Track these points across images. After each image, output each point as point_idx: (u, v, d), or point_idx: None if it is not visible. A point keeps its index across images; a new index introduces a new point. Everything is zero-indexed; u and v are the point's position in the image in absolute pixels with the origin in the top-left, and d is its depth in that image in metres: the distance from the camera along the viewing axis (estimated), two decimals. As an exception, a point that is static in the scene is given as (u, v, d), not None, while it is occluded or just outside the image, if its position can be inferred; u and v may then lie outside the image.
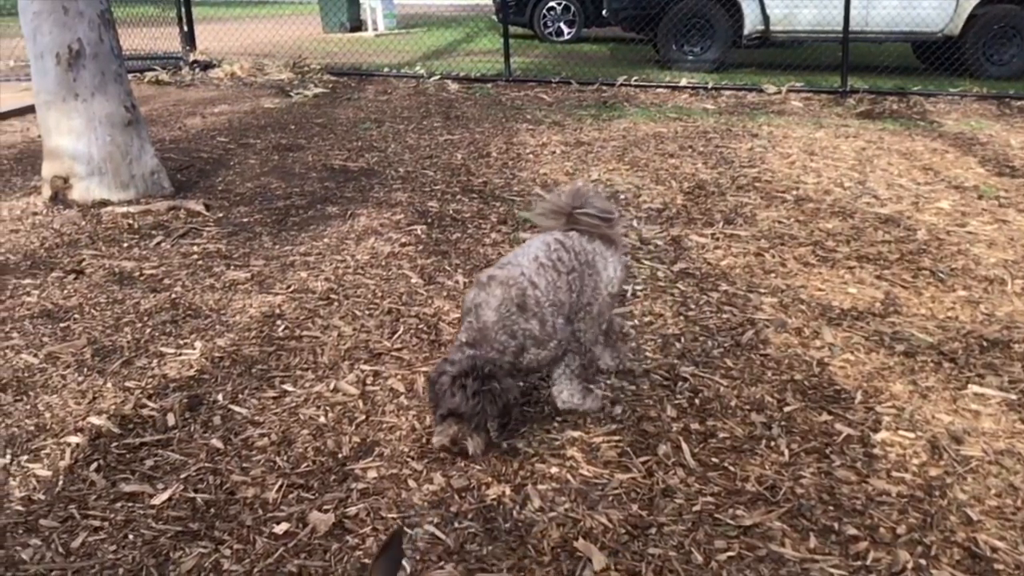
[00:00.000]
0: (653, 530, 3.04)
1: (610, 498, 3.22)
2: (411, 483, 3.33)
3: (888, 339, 4.27)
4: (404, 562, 1.95)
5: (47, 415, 3.77)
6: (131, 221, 6.09)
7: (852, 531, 3.02)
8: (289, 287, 5.00)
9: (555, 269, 3.49)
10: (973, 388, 3.85)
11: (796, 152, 7.54)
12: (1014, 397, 3.78)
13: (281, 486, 3.30)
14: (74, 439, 3.59)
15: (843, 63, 10.47)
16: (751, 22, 11.92)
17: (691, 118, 9.02)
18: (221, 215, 6.26)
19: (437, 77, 11.58)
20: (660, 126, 8.68)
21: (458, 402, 3.19)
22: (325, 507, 3.19)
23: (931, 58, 11.27)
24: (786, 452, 3.42)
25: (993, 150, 7.64)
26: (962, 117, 9.16)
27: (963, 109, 9.63)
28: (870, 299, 4.70)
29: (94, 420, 3.70)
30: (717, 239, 5.60)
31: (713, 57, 12.18)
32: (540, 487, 3.26)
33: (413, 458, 3.47)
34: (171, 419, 3.72)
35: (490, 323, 3.30)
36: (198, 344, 4.35)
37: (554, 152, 7.80)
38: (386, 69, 12.25)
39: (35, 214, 6.27)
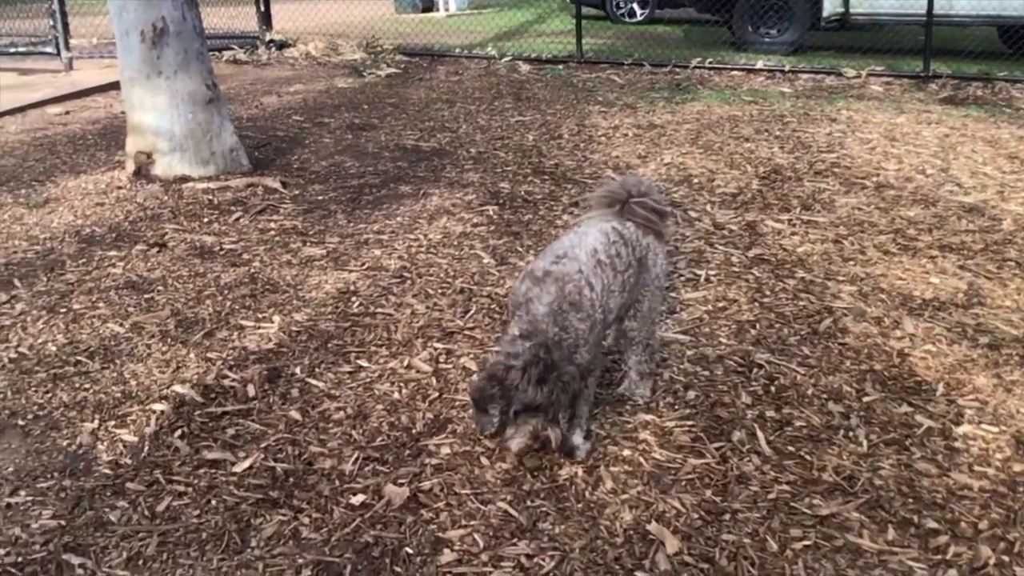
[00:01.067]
0: (727, 516, 3.03)
1: (683, 483, 3.21)
2: (484, 460, 3.36)
3: (971, 331, 4.16)
4: None
5: (133, 383, 3.90)
6: (211, 197, 6.23)
7: (932, 524, 2.96)
8: (363, 264, 5.07)
9: (612, 267, 3.32)
10: (1061, 383, 3.73)
11: (876, 137, 7.36)
12: (1105, 394, 3.66)
13: (357, 459, 3.37)
14: (159, 406, 3.70)
15: (926, 47, 10.16)
16: (831, 4, 11.64)
17: (767, 101, 8.86)
18: (297, 192, 6.37)
19: (508, 58, 11.56)
20: (735, 109, 8.55)
21: (533, 394, 2.96)
22: (400, 481, 3.24)
23: (1017, 43, 10.87)
24: (864, 443, 3.36)
25: (1085, 138, 7.35)
26: (1052, 104, 8.83)
27: (1053, 95, 9.28)
28: (953, 290, 4.58)
29: (178, 389, 3.82)
30: (794, 225, 5.51)
31: (791, 39, 11.93)
32: (612, 469, 3.27)
33: (486, 436, 3.49)
34: (251, 390, 3.82)
35: (542, 316, 3.09)
36: (276, 318, 4.44)
37: (626, 135, 7.74)
38: (457, 50, 12.28)
39: (119, 188, 6.45)
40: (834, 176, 6.38)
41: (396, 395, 3.79)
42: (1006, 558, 2.82)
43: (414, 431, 3.55)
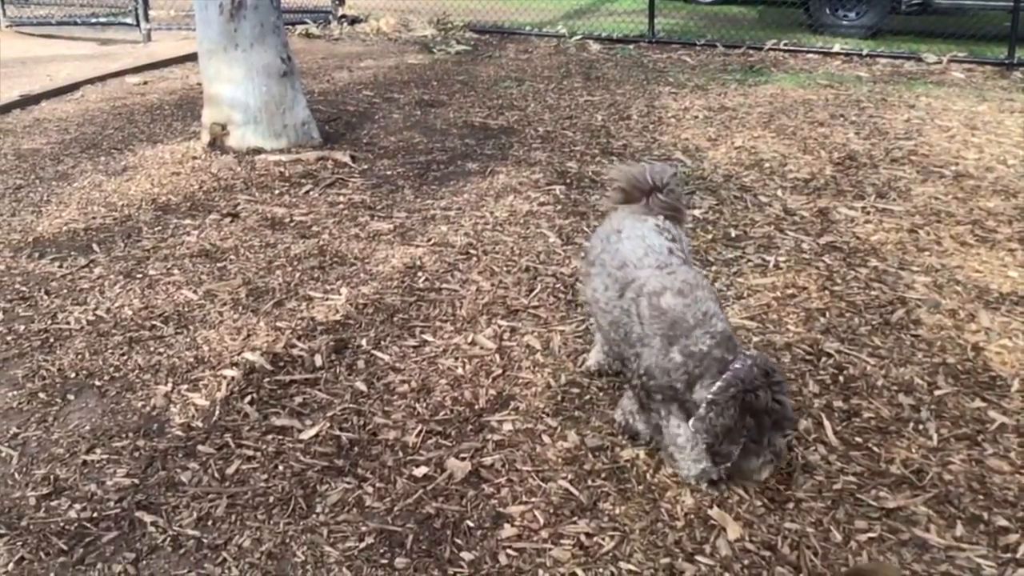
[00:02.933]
0: (791, 505, 3.00)
1: (746, 469, 3.18)
2: (545, 439, 3.38)
3: (1051, 327, 4.04)
4: None
5: (205, 348, 4.00)
6: (282, 169, 6.33)
7: (1002, 522, 2.89)
8: (430, 240, 5.11)
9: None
10: None
11: (956, 125, 7.14)
12: None
13: (420, 431, 3.41)
14: (230, 372, 3.79)
15: (1012, 33, 9.79)
16: (912, -14, 11.28)
17: (843, 86, 8.65)
18: (366, 167, 6.43)
19: (578, 37, 11.47)
20: (809, 93, 8.36)
21: (782, 411, 2.82)
22: (462, 455, 3.28)
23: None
24: (935, 436, 3.29)
25: None
26: None
27: None
28: (1033, 284, 4.44)
29: (248, 356, 3.90)
30: (868, 213, 5.39)
31: (869, 23, 11.60)
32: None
33: (548, 414, 3.51)
34: (318, 360, 3.88)
35: (728, 332, 2.93)
36: (344, 290, 4.50)
37: (696, 117, 7.64)
38: (527, 28, 12.22)
39: (194, 158, 6.59)
40: (911, 164, 6.22)
41: (460, 370, 3.82)
42: (1080, 561, 2.74)
43: (477, 407, 3.58)
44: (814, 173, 6.10)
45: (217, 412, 3.55)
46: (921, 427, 3.35)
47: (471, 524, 2.94)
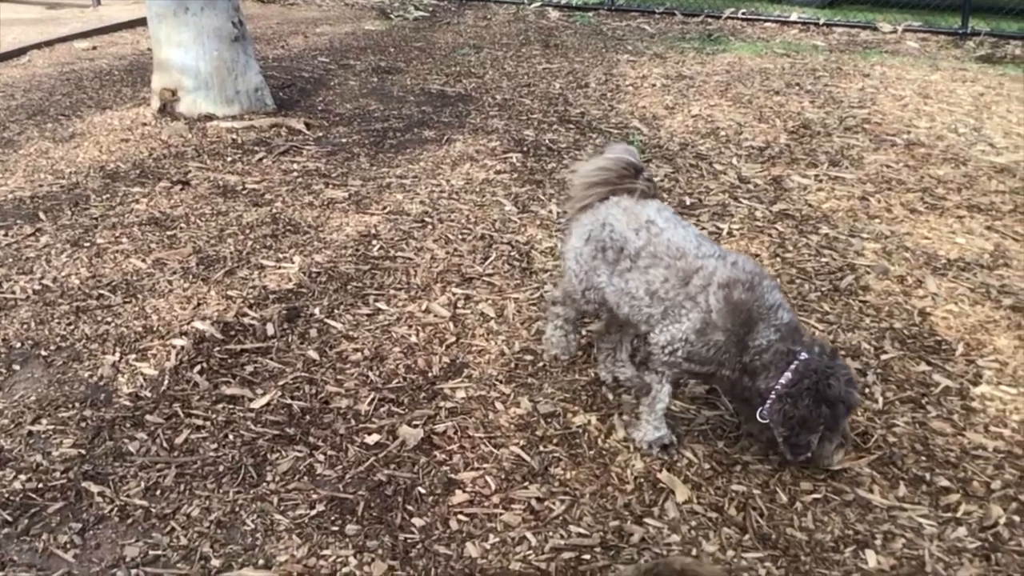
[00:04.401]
0: (738, 468, 3.04)
1: (696, 433, 3.22)
2: (498, 405, 3.39)
3: (995, 292, 4.11)
4: None
5: (154, 318, 3.94)
6: (235, 136, 6.23)
7: (944, 483, 2.96)
8: (385, 208, 5.07)
9: None
10: (1084, 348, 3.69)
11: (909, 94, 7.20)
12: None
13: (373, 399, 3.40)
14: (179, 342, 3.75)
15: (965, 3, 9.89)
16: (869, -44, 11.31)
17: (799, 54, 8.68)
18: (321, 134, 6.35)
19: (537, 4, 11.38)
20: (766, 62, 8.38)
21: (856, 393, 2.92)
22: (415, 422, 3.28)
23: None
24: (880, 400, 3.35)
25: (1125, 101, 7.16)
26: (1093, 64, 8.59)
27: (1095, 56, 9.03)
28: (979, 250, 4.52)
29: (198, 325, 3.86)
30: (820, 181, 5.44)
31: (826, -8, 11.63)
32: (626, 418, 3.28)
33: (501, 381, 3.52)
34: (270, 329, 3.85)
35: (794, 322, 2.93)
36: (297, 259, 4.46)
37: (654, 85, 7.63)
38: (486, -6, 12.08)
39: (144, 125, 6.45)
40: (864, 132, 6.28)
41: (413, 338, 3.81)
42: (1017, 518, 2.82)
43: (430, 374, 3.57)
44: (769, 141, 6.13)
45: (166, 382, 3.50)
46: (868, 391, 3.40)
47: (423, 490, 2.95)
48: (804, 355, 2.83)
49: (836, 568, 2.63)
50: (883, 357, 3.62)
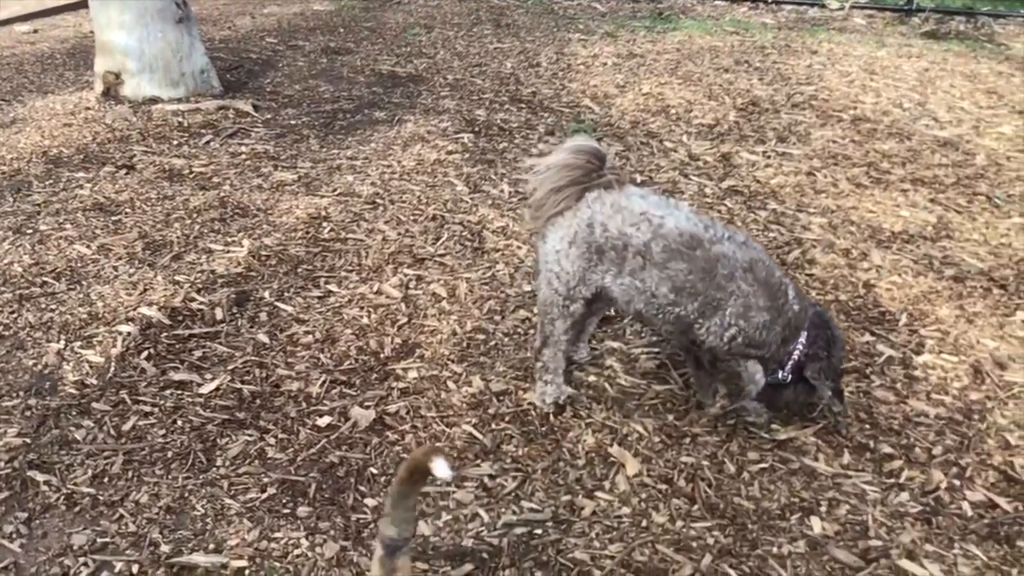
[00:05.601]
0: (687, 440, 3.08)
1: (646, 407, 3.25)
2: (450, 385, 3.39)
3: (938, 263, 4.20)
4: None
5: (99, 304, 3.88)
6: (181, 119, 6.13)
7: (887, 449, 3.02)
8: (335, 190, 5.03)
9: None
10: (1021, 315, 3.79)
11: (856, 71, 7.30)
12: (1064, 326, 3.72)
13: (324, 382, 3.39)
14: (125, 328, 3.69)
15: (911, -21, 10.03)
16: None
17: (749, 32, 8.75)
18: (269, 116, 6.27)
19: (489, -17, 11.31)
20: (716, 40, 8.43)
21: None
22: (366, 403, 3.27)
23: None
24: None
25: (1063, 75, 7.33)
26: (1033, 40, 8.77)
27: (1035, 31, 9.22)
28: (922, 222, 4.61)
29: (145, 311, 3.80)
30: (768, 157, 5.49)
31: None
32: (578, 394, 3.30)
33: (453, 361, 3.52)
34: (219, 313, 3.81)
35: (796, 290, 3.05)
36: (245, 242, 4.41)
37: (605, 64, 7.64)
38: (437, -26, 11.99)
39: (87, 109, 6.32)
40: (811, 109, 6.35)
41: (365, 320, 3.79)
42: (957, 482, 2.89)
43: (382, 355, 3.57)
44: (718, 119, 6.18)
45: (112, 368, 3.45)
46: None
47: (375, 471, 2.95)
48: (818, 310, 3.00)
49: (782, 535, 2.68)
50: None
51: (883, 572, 2.55)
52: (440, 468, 1.86)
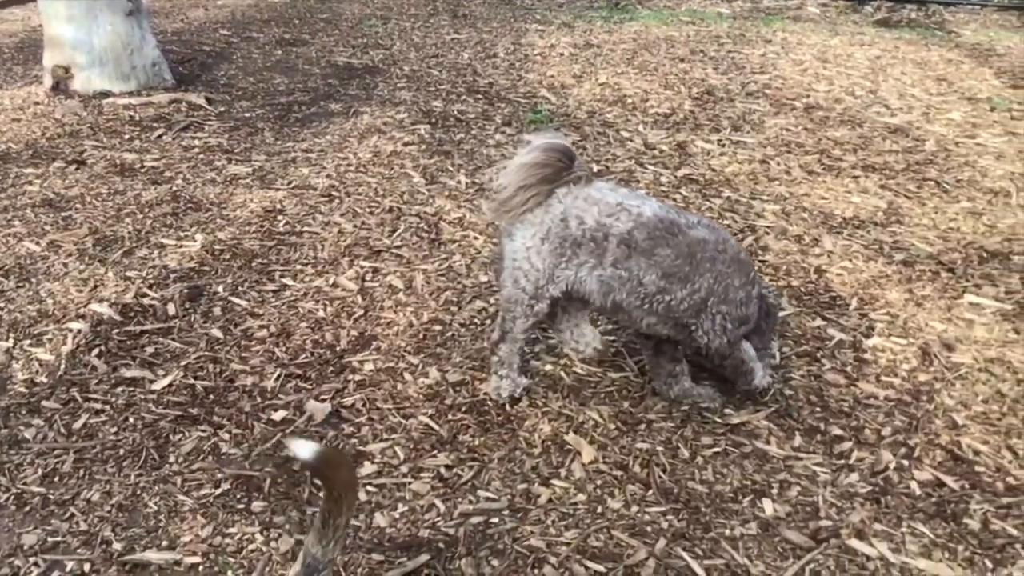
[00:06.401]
0: (642, 426, 3.10)
1: (602, 395, 3.27)
2: (407, 376, 3.38)
3: (888, 248, 4.27)
4: None
5: (49, 301, 3.82)
6: (132, 113, 6.04)
7: (837, 431, 3.07)
8: (290, 183, 4.99)
9: None
10: (969, 298, 3.86)
11: (809, 59, 7.39)
12: (1009, 307, 3.80)
13: (279, 376, 3.36)
14: (76, 325, 3.64)
15: (864, -32, 10.15)
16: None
17: (704, 22, 8.81)
18: (223, 109, 6.20)
19: (446, -26, 11.27)
20: (672, 29, 8.49)
21: None
22: (322, 397, 3.25)
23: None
24: (777, 355, 3.45)
25: (1010, 62, 7.47)
26: (981, 27, 8.93)
27: (983, 19, 9.38)
28: (873, 208, 4.68)
29: (95, 307, 3.75)
30: (723, 145, 5.54)
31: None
32: (534, 383, 3.31)
33: (410, 352, 3.52)
34: (171, 308, 3.77)
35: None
36: (199, 236, 4.36)
37: (562, 54, 7.65)
38: (394, -35, 11.91)
39: (36, 104, 6.21)
40: (765, 97, 6.41)
41: (321, 313, 3.77)
42: (906, 462, 2.95)
43: (338, 348, 3.55)
44: (674, 108, 6.22)
45: (63, 366, 3.40)
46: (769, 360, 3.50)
47: (330, 464, 2.93)
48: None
49: (735, 517, 2.71)
50: (781, 314, 3.73)
51: (833, 552, 2.59)
52: (300, 448, 1.79)
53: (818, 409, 3.18)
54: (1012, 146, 5.56)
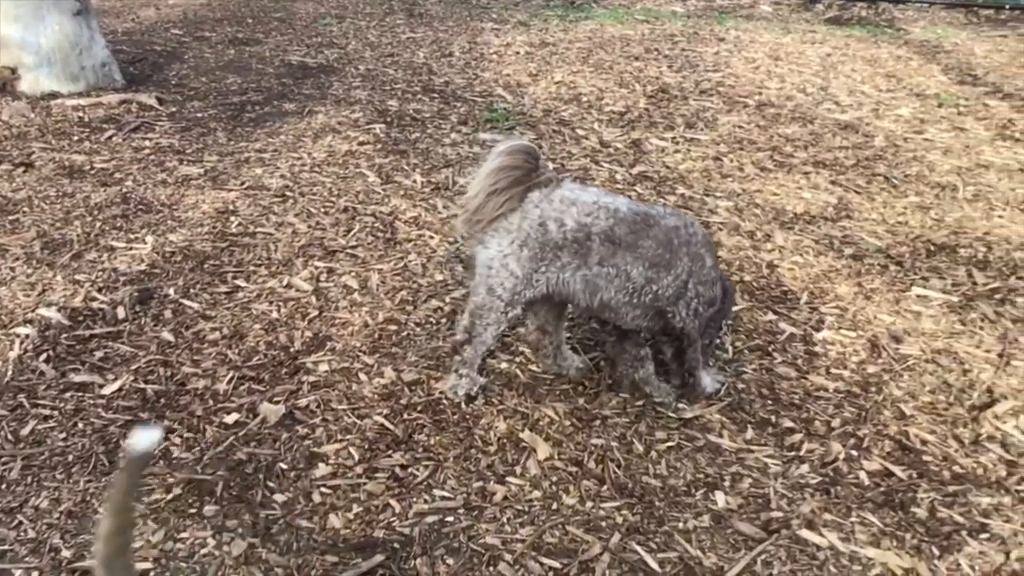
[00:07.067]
0: (597, 422, 3.12)
1: (557, 392, 3.29)
2: (362, 376, 3.37)
3: (838, 242, 4.33)
4: None
5: (-5, 307, 3.75)
6: (81, 114, 5.94)
7: (788, 424, 3.12)
8: (243, 183, 4.94)
9: None
10: (916, 290, 3.94)
11: (761, 57, 7.47)
12: (955, 299, 3.88)
13: (232, 378, 3.33)
14: (23, 330, 3.57)
15: (815, -33, 10.28)
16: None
17: (659, 21, 8.88)
18: (174, 109, 6.12)
19: (402, -27, 11.23)
20: (627, 28, 8.54)
21: None
22: (276, 399, 3.23)
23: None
24: (730, 349, 3.49)
25: (957, 58, 7.62)
26: (929, 25, 9.10)
27: (931, 17, 9.56)
28: (823, 204, 4.75)
29: (43, 312, 3.68)
30: (677, 143, 5.59)
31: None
32: (490, 381, 3.32)
33: (365, 352, 3.50)
34: (121, 312, 3.71)
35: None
36: (149, 239, 4.30)
37: (518, 53, 7.66)
38: (349, -37, 11.84)
39: (-19, 106, 6.08)
40: (718, 95, 6.48)
41: (274, 314, 3.74)
42: (855, 452, 3.00)
43: (292, 349, 3.52)
44: (629, 106, 6.25)
45: (10, 372, 3.34)
46: (718, 341, 3.54)
47: (284, 466, 2.92)
48: None
49: (688, 511, 2.74)
50: (734, 309, 3.77)
51: (784, 542, 2.63)
52: (141, 438, 1.65)
53: (770, 402, 3.23)
54: (959, 141, 5.68)
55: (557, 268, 2.98)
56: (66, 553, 2.58)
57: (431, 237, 4.36)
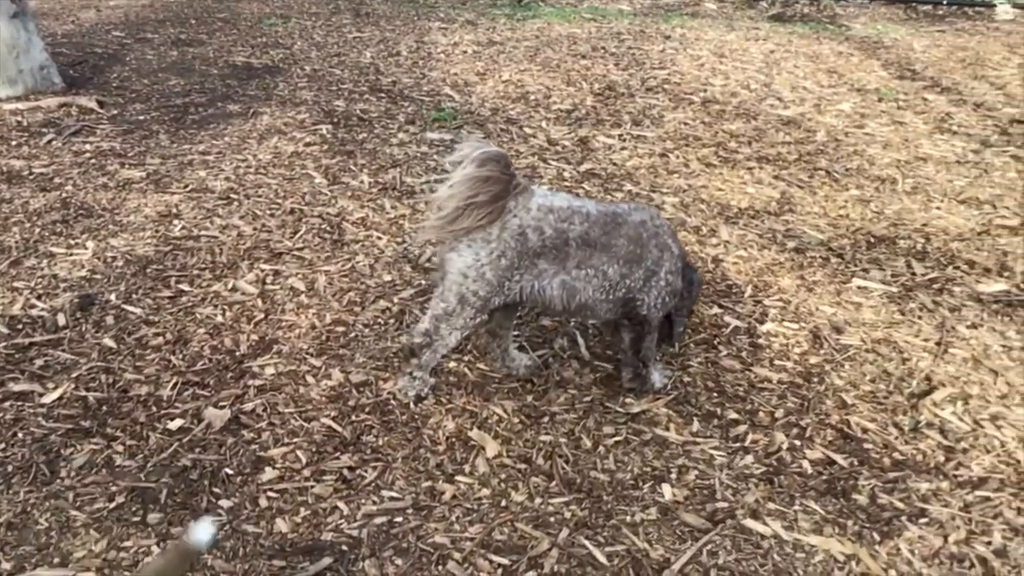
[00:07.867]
0: (546, 419, 3.14)
1: (506, 390, 3.29)
2: (309, 379, 3.35)
3: (781, 236, 4.40)
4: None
5: (-70, 316, 3.66)
6: (19, 118, 5.82)
7: (733, 415, 3.16)
8: (187, 186, 4.87)
9: None
10: (857, 282, 4.01)
11: (706, 54, 7.56)
12: (895, 290, 3.96)
13: (176, 384, 3.29)
14: (-41, 340, 3.49)
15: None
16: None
17: (605, 19, 8.93)
18: (116, 112, 6.02)
19: (348, -28, 11.16)
20: (574, 27, 8.58)
21: None
22: (221, 403, 3.19)
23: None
24: (676, 344, 3.53)
25: (897, 54, 7.78)
26: (870, 21, 9.28)
27: (871, 13, 9.75)
28: (767, 198, 4.82)
29: (-20, 321, 3.61)
30: (624, 140, 5.63)
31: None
32: (439, 380, 3.32)
33: (312, 355, 3.48)
34: (61, 319, 3.64)
35: None
36: (90, 244, 4.23)
37: (465, 52, 7.66)
38: (295, -37, 11.74)
39: (-86, 110, 5.93)
40: (664, 92, 6.54)
41: (219, 318, 3.70)
42: (798, 442, 3.05)
43: (237, 353, 3.49)
44: (576, 104, 6.29)
45: (-55, 383, 3.26)
46: (679, 330, 3.56)
47: (230, 471, 2.89)
48: None
49: (635, 504, 2.77)
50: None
51: (729, 532, 2.67)
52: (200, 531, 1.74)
53: (715, 394, 3.27)
54: (898, 135, 5.80)
55: (533, 275, 2.99)
56: (6, 565, 2.52)
57: (379, 238, 4.34)
